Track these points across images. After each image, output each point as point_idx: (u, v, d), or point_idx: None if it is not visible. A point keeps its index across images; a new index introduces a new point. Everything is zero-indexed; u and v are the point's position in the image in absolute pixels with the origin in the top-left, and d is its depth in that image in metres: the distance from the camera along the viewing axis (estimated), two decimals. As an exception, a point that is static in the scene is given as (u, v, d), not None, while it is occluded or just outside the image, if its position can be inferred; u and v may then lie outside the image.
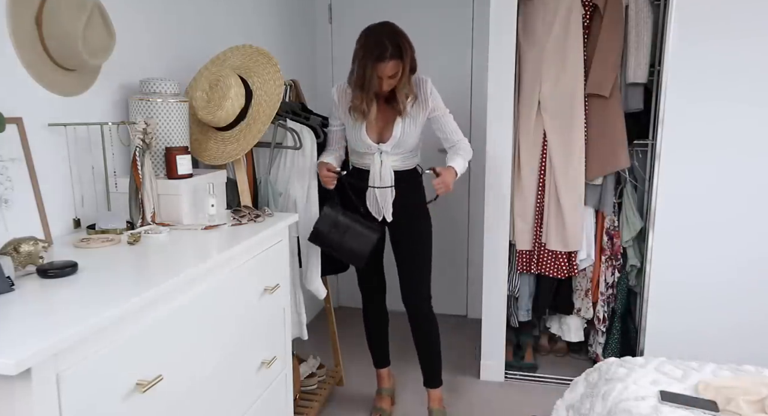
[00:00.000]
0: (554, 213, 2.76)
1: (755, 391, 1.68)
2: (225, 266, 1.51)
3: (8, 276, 1.16)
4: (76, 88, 1.68)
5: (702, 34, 2.40)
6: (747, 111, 2.42)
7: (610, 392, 1.76)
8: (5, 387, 0.91)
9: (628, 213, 2.80)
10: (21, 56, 1.49)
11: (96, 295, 1.15)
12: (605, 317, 2.88)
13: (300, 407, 2.45)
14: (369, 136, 2.19)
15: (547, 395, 2.66)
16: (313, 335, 2.50)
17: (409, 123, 2.18)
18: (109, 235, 1.57)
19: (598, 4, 2.63)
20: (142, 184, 1.68)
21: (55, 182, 1.60)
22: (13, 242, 1.26)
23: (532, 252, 2.87)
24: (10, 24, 1.46)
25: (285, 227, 1.89)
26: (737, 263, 2.51)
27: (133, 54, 1.91)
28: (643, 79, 2.66)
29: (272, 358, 1.79)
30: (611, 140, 2.68)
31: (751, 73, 2.39)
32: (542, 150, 2.74)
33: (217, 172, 1.95)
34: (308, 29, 3.53)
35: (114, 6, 1.73)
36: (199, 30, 2.30)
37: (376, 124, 2.19)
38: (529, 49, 2.74)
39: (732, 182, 2.47)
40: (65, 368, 0.97)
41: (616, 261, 2.85)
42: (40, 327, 0.99)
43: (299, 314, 2.35)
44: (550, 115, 2.71)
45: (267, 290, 1.73)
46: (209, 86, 1.95)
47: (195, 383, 1.38)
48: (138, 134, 1.68)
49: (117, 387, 1.10)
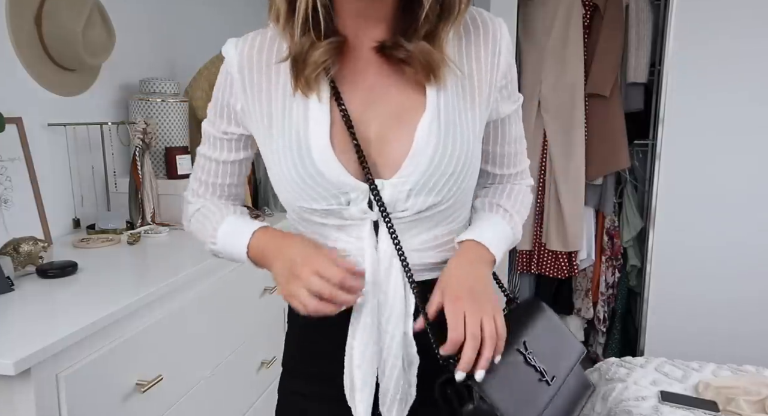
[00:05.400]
0: (554, 214, 2.76)
1: (755, 391, 1.68)
2: (225, 266, 1.51)
3: (8, 277, 1.16)
4: (76, 87, 1.68)
5: (702, 34, 2.39)
6: (747, 111, 2.41)
7: (611, 392, 1.76)
8: (5, 387, 0.90)
9: (629, 213, 2.80)
10: (21, 56, 1.49)
11: (96, 295, 1.15)
12: (605, 317, 2.88)
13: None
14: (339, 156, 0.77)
15: (547, 395, 2.65)
16: (313, 335, 2.49)
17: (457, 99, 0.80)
18: (109, 235, 1.57)
19: (598, 4, 2.63)
20: (141, 184, 1.68)
21: (55, 182, 1.60)
22: (13, 242, 1.26)
23: (532, 253, 2.87)
24: (9, 24, 1.46)
25: (285, 227, 1.89)
26: (737, 263, 2.51)
27: (133, 54, 1.91)
28: (643, 79, 2.66)
29: (272, 358, 1.79)
30: (611, 140, 2.68)
31: (751, 72, 2.38)
32: (542, 150, 2.74)
33: (217, 172, 1.95)
34: (308, 29, 3.52)
35: (114, 6, 1.73)
36: (199, 30, 2.30)
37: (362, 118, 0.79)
38: (529, 49, 2.74)
39: (732, 182, 2.47)
40: (65, 368, 0.97)
41: (616, 261, 2.85)
42: (39, 328, 0.99)
43: (299, 314, 2.35)
44: (550, 115, 2.71)
45: (267, 290, 1.73)
46: (209, 86, 1.95)
47: (195, 383, 1.37)
48: (138, 134, 1.68)
49: (117, 387, 1.10)
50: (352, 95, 0.79)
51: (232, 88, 0.83)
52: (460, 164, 0.77)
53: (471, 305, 0.74)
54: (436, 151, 0.76)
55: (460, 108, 0.79)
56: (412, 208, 0.78)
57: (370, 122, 0.78)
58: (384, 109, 0.79)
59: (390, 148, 0.78)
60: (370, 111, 0.79)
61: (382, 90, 0.79)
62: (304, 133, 0.77)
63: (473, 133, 0.80)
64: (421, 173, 0.76)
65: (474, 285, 0.77)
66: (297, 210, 0.82)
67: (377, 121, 0.78)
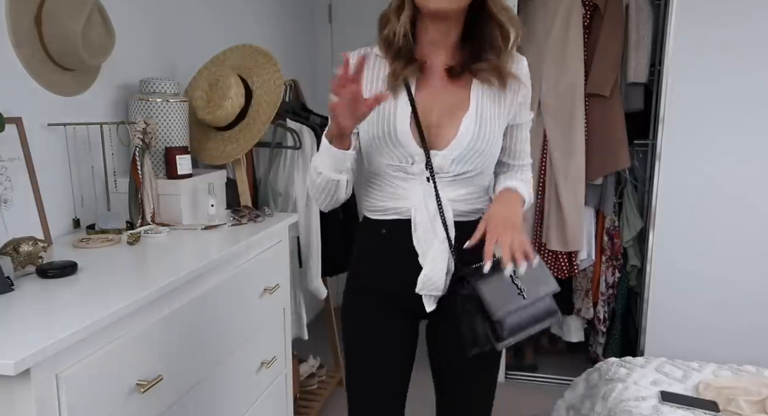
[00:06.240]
0: (554, 214, 2.76)
1: (756, 391, 1.68)
2: (225, 266, 1.51)
3: (8, 277, 1.16)
4: (75, 87, 1.68)
5: (702, 34, 2.39)
6: (747, 111, 2.41)
7: (611, 392, 1.76)
8: (5, 387, 0.90)
9: (629, 213, 2.80)
10: (20, 56, 1.49)
11: (95, 295, 1.14)
12: (605, 317, 2.88)
13: (300, 407, 2.45)
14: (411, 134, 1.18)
15: (547, 395, 2.65)
16: (313, 335, 2.49)
17: (491, 105, 1.20)
18: (109, 235, 1.57)
19: (599, 4, 2.63)
20: (141, 184, 1.68)
21: (54, 182, 1.60)
22: (13, 242, 1.26)
23: (532, 253, 2.87)
24: (9, 23, 1.46)
25: (285, 227, 1.89)
26: (738, 263, 2.51)
27: (133, 54, 1.91)
28: (643, 79, 2.66)
29: (272, 358, 1.79)
30: (611, 140, 2.68)
31: (751, 72, 2.38)
32: (542, 150, 2.74)
33: (217, 172, 1.95)
34: (308, 29, 3.52)
35: (114, 6, 1.73)
36: (199, 30, 2.30)
37: (425, 113, 1.19)
38: (529, 49, 2.73)
39: (732, 182, 2.47)
40: (65, 368, 0.97)
41: (616, 261, 2.85)
42: (39, 328, 0.99)
43: (299, 314, 2.35)
44: (550, 114, 2.70)
45: (267, 290, 1.73)
46: (209, 86, 1.95)
47: (195, 383, 1.37)
48: (138, 134, 1.68)
49: (117, 387, 1.10)
50: (422, 97, 1.20)
51: None
52: (487, 147, 1.19)
53: (505, 227, 1.09)
54: (472, 137, 1.18)
55: (492, 112, 1.20)
56: (452, 172, 1.20)
57: (432, 114, 1.19)
58: (441, 106, 1.20)
59: (443, 131, 1.19)
60: (433, 107, 1.20)
61: (442, 95, 1.20)
62: (392, 119, 1.18)
63: (498, 129, 1.22)
64: (461, 150, 1.18)
65: (509, 216, 1.13)
66: (380, 165, 1.22)
67: (437, 114, 1.20)
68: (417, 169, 1.19)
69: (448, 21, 1.16)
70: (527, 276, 1.11)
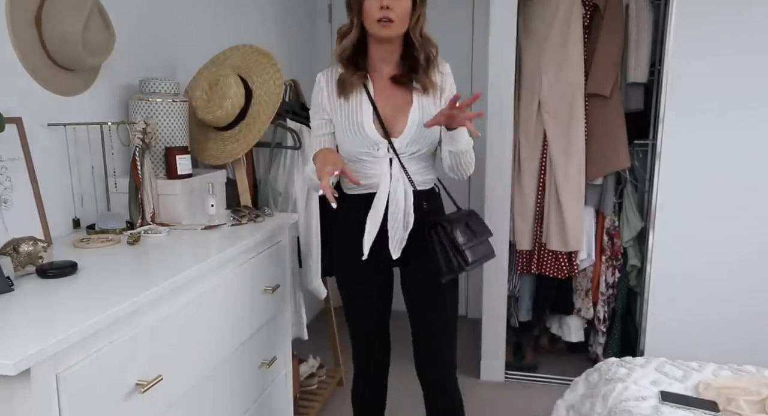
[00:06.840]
0: (554, 213, 2.76)
1: (756, 391, 1.68)
2: (225, 266, 1.51)
3: (8, 277, 1.16)
4: (75, 87, 1.68)
5: (702, 34, 2.39)
6: (747, 111, 2.41)
7: (611, 392, 1.76)
8: (5, 387, 0.90)
9: (629, 213, 2.80)
10: (21, 56, 1.49)
11: (95, 295, 1.15)
12: (605, 317, 2.88)
13: (300, 407, 2.45)
14: (374, 126, 1.59)
15: (547, 395, 2.65)
16: (313, 335, 2.49)
17: (427, 101, 1.62)
18: (109, 235, 1.57)
19: (599, 4, 2.63)
20: (141, 184, 1.68)
21: (54, 182, 1.60)
22: (13, 242, 1.26)
23: (532, 253, 2.87)
24: (9, 24, 1.46)
25: (285, 227, 1.89)
26: (738, 263, 2.51)
27: (133, 54, 1.91)
28: (643, 79, 2.66)
29: (272, 358, 1.79)
30: (611, 140, 2.68)
31: (751, 72, 2.39)
32: (542, 150, 2.74)
33: (217, 172, 1.95)
34: (308, 29, 3.52)
35: (114, 6, 1.73)
36: (199, 30, 2.30)
37: (382, 110, 1.60)
38: (530, 49, 2.74)
39: (732, 182, 2.47)
40: (65, 368, 0.97)
41: (616, 261, 2.85)
42: (39, 328, 0.99)
43: (299, 314, 2.35)
44: (550, 114, 2.70)
45: (267, 290, 1.73)
46: (209, 86, 1.95)
47: (195, 383, 1.37)
48: (138, 134, 1.68)
49: (117, 387, 1.10)
50: (379, 98, 1.61)
51: (322, 95, 1.65)
52: (429, 131, 1.59)
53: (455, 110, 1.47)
54: (418, 127, 1.58)
55: (430, 107, 1.61)
56: (408, 152, 1.60)
57: (386, 110, 1.61)
58: (393, 105, 1.62)
59: (397, 123, 1.60)
60: (387, 105, 1.61)
61: (392, 96, 1.62)
62: (358, 116, 1.59)
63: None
64: (411, 136, 1.59)
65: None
66: (353, 152, 1.61)
67: (390, 111, 1.61)
68: (381, 153, 1.59)
69: (392, 43, 1.59)
70: (474, 225, 1.64)
